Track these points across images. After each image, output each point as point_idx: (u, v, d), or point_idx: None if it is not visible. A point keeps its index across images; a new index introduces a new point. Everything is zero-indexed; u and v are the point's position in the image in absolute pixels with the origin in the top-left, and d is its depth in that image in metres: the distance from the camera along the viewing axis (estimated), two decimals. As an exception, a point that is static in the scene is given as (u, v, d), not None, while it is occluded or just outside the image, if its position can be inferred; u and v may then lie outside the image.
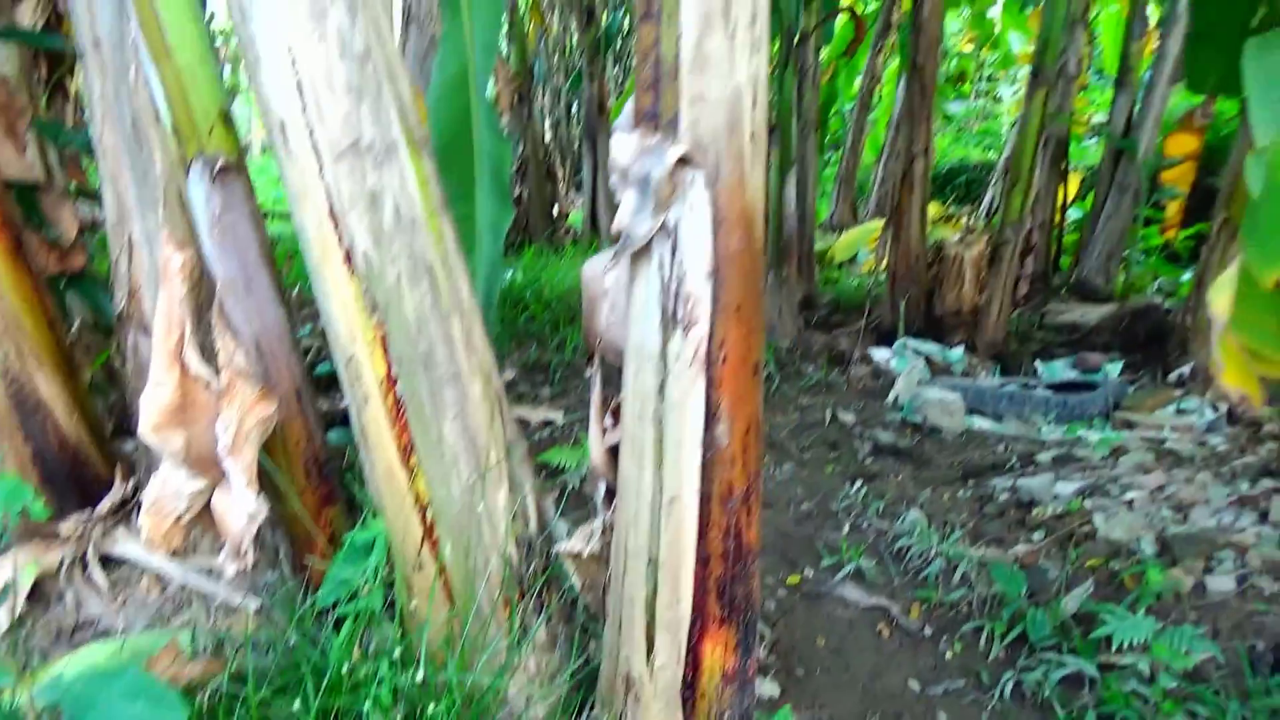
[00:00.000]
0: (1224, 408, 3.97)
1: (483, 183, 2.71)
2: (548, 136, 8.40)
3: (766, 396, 4.28)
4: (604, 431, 1.55)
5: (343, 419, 1.84)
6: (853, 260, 7.48)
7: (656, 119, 1.22)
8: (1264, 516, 2.67)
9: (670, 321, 1.30)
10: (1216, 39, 2.83)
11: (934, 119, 5.08)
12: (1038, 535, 2.86)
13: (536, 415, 3.75)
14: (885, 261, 5.28)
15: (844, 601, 2.51)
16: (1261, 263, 2.25)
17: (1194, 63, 3.14)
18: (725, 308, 1.28)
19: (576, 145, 8.46)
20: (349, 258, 1.37)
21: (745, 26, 1.17)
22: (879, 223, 5.52)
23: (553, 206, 7.68)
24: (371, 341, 1.43)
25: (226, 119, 1.60)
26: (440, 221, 1.48)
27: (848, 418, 4.01)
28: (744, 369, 1.33)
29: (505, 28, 7.24)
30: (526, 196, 7.46)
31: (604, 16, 7.31)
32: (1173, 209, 6.88)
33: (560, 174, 8.28)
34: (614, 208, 1.32)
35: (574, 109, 8.42)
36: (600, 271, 1.40)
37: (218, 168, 1.56)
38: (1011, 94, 13.52)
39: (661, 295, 1.29)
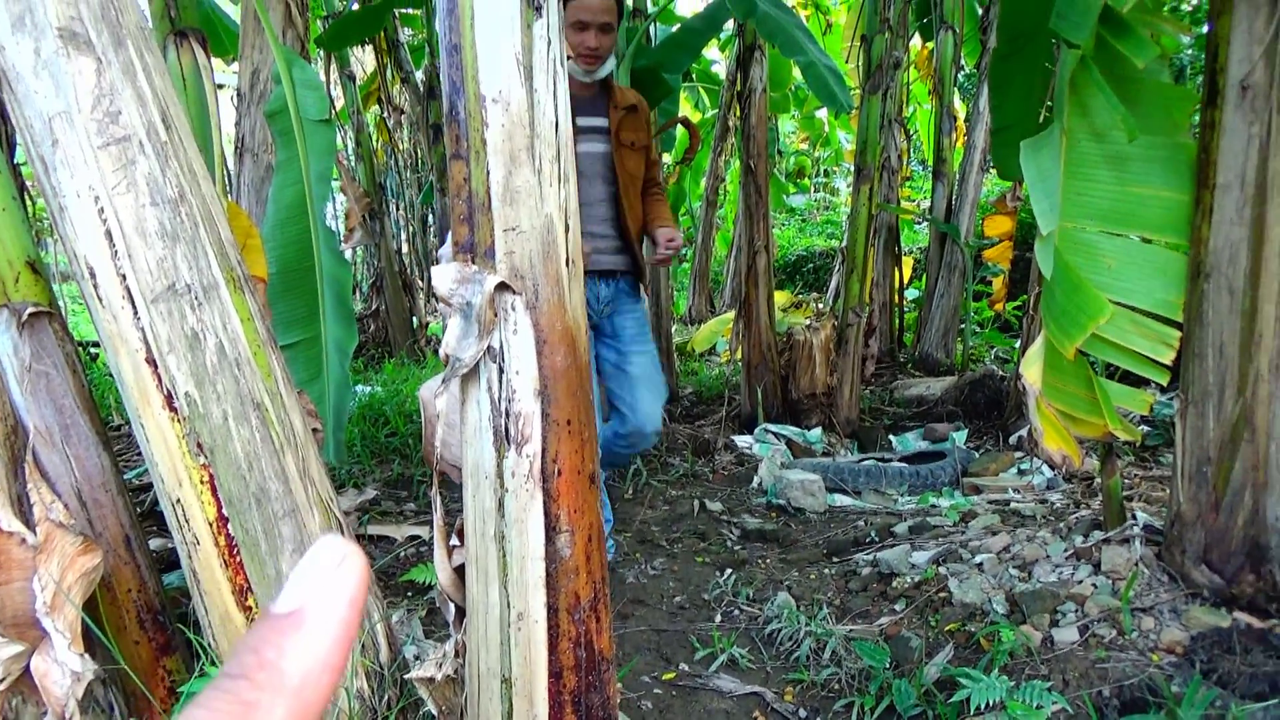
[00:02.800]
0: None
1: (327, 306, 2.70)
2: (404, 249, 8.40)
3: (635, 491, 4.32)
4: (450, 552, 1.54)
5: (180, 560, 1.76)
6: (712, 350, 7.72)
7: (474, 249, 1.27)
8: (1097, 567, 2.85)
9: (503, 440, 1.32)
10: (1015, 133, 3.15)
11: (776, 213, 5.37)
12: (899, 606, 2.96)
13: (401, 532, 3.65)
14: (740, 352, 5.48)
15: (719, 692, 2.52)
16: (1061, 337, 2.48)
17: (999, 153, 3.48)
18: (556, 423, 1.32)
19: (433, 256, 8.52)
20: (170, 401, 1.34)
21: (550, 160, 1.24)
22: (734, 313, 5.77)
23: (412, 317, 7.63)
24: (199, 483, 1.39)
25: (34, 266, 1.55)
26: (269, 355, 1.47)
27: (715, 506, 4.09)
28: (580, 480, 1.36)
29: (353, 146, 7.29)
30: (384, 309, 7.41)
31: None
32: (998, 284, 7.44)
33: (419, 285, 8.27)
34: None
35: (429, 221, 8.50)
36: (433, 394, 1.42)
37: (25, 316, 1.51)
38: (846, 186, 14.45)
39: (493, 415, 1.32)
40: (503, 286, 1.26)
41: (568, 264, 1.31)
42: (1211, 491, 2.47)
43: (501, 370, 1.30)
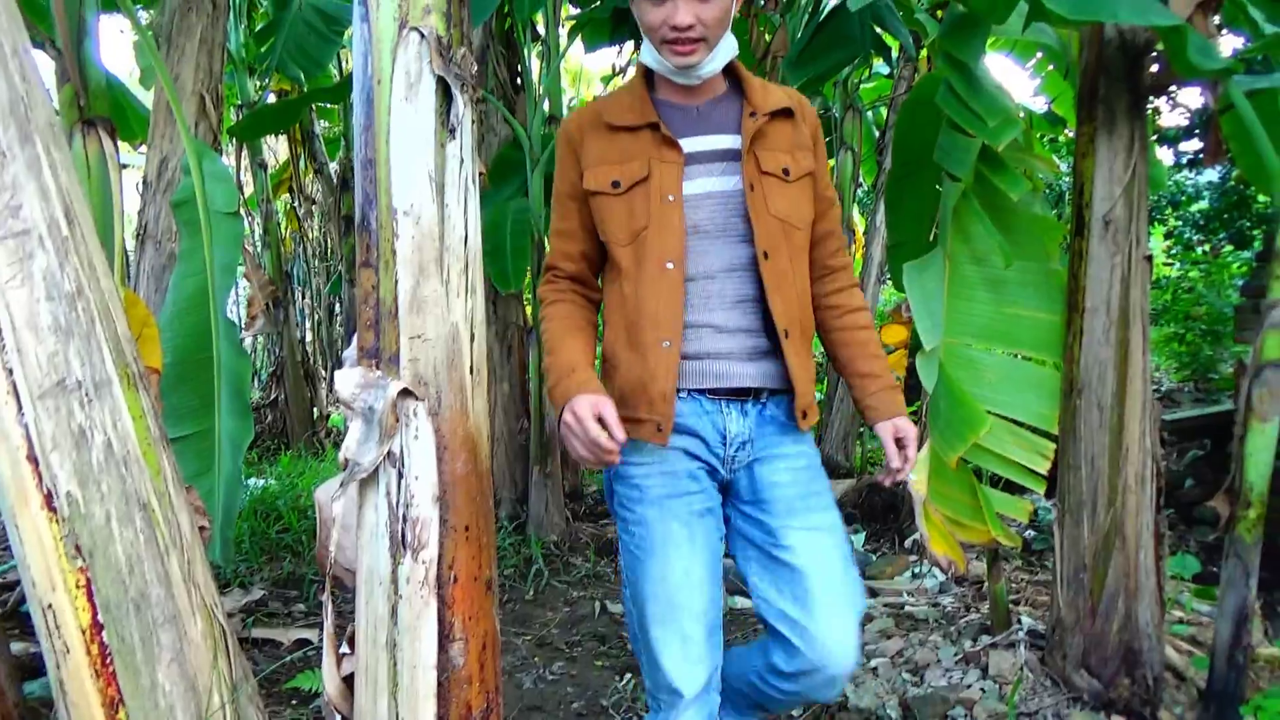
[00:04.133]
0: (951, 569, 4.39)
1: (223, 398, 2.65)
2: (308, 338, 8.26)
3: (536, 593, 4.25)
4: (339, 660, 1.50)
5: (44, 667, 1.66)
6: (619, 448, 7.73)
7: (379, 355, 1.29)
8: (985, 671, 2.92)
9: (400, 546, 1.32)
10: (908, 249, 3.34)
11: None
12: (797, 712, 2.97)
13: (288, 636, 3.50)
14: (646, 450, 5.50)
15: (615, 807, 2.47)
16: (944, 446, 2.60)
17: (894, 267, 3.67)
18: (454, 529, 1.33)
19: (338, 346, 8.42)
20: (49, 500, 1.30)
21: (459, 273, 1.29)
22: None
23: (313, 408, 7.46)
24: (74, 587, 1.33)
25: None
26: (159, 454, 1.44)
27: (617, 608, 4.05)
28: (476, 587, 1.36)
29: (260, 233, 7.22)
30: (284, 399, 7.23)
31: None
32: (894, 389, 7.71)
33: (321, 375, 8.12)
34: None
35: (335, 310, 8.43)
36: (330, 497, 1.41)
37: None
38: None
39: (390, 520, 1.32)
40: (406, 393, 1.28)
41: (471, 371, 1.34)
42: (1088, 598, 2.59)
43: (401, 475, 1.31)
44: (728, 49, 1.70)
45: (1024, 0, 2.15)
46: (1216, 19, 2.57)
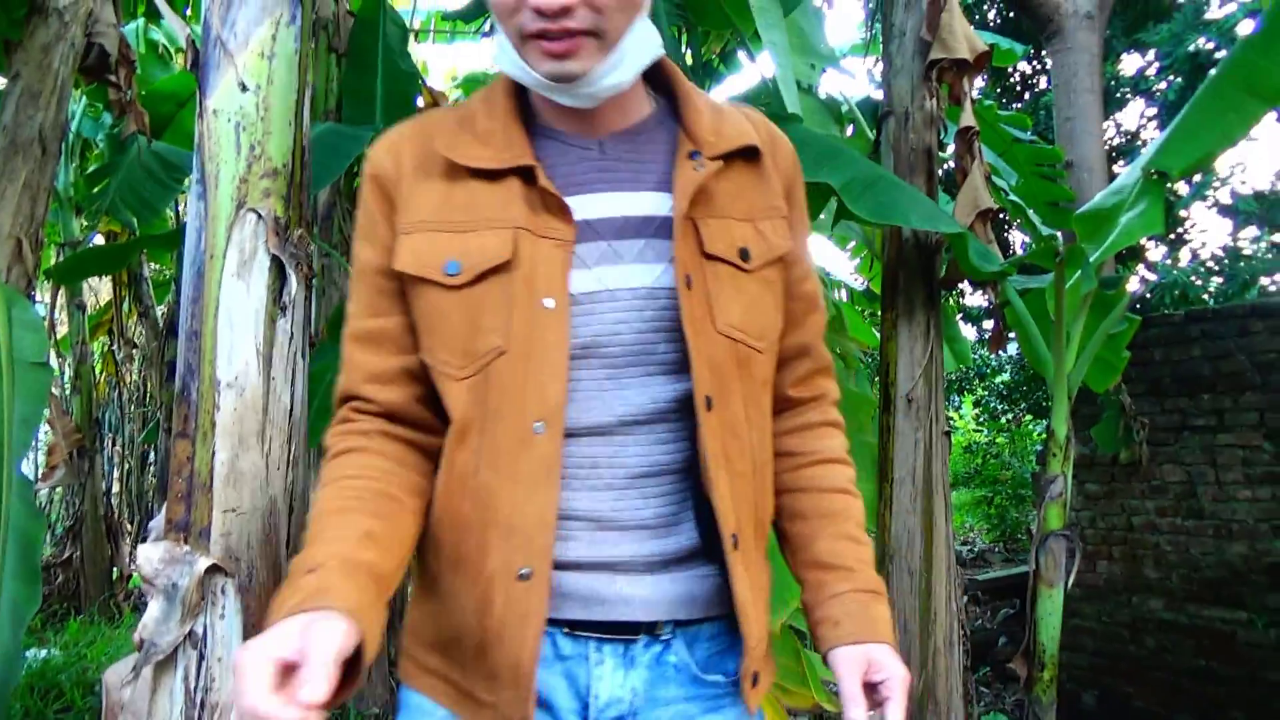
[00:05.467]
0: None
1: (8, 563, 2.42)
2: (115, 489, 7.63)
3: (352, 775, 3.93)
4: None
5: None
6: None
7: (189, 529, 1.25)
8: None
9: (195, 735, 1.23)
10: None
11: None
12: None
13: (57, 838, 3.07)
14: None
15: None
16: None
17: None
18: (257, 715, 1.25)
19: (149, 498, 7.84)
20: None
21: (281, 445, 1.28)
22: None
23: (113, 568, 6.81)
24: None
25: None
26: (-77, 636, 1.30)
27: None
28: (277, 779, 1.27)
29: (71, 376, 6.76)
30: (80, 557, 6.58)
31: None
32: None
33: (127, 530, 7.47)
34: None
35: (149, 458, 7.88)
36: (121, 681, 1.31)
37: None
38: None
39: (186, 706, 1.24)
40: (215, 569, 1.23)
41: (289, 545, 1.31)
42: (904, 764, 2.66)
43: (202, 657, 1.24)
44: (642, 48, 0.98)
45: (833, 200, 2.40)
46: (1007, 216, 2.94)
